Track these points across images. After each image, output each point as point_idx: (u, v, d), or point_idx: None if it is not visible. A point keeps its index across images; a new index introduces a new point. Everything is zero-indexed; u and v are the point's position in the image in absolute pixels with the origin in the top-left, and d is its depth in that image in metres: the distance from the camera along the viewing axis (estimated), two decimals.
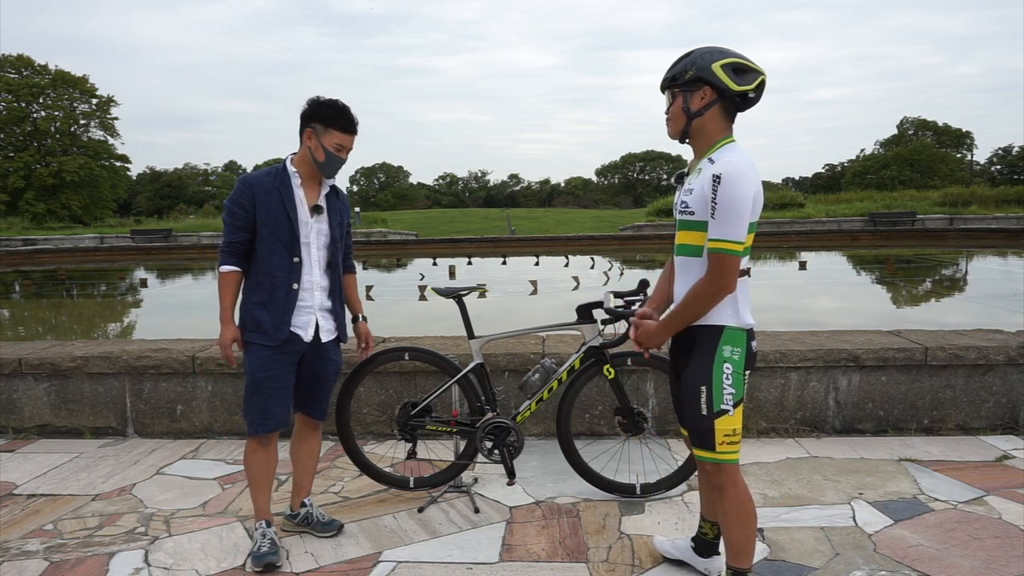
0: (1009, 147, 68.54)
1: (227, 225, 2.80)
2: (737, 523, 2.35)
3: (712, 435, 2.28)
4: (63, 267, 18.32)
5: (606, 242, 22.01)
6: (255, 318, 2.80)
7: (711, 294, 2.21)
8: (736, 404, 2.27)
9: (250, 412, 2.85)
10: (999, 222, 23.14)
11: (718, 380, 2.26)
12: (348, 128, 2.82)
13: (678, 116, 2.27)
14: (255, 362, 2.81)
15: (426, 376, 4.08)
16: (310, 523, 3.05)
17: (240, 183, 2.81)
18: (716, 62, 2.18)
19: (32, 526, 3.17)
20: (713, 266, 2.18)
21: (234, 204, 2.79)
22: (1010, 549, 2.77)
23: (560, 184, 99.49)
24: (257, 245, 2.80)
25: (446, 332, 4.76)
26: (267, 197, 2.78)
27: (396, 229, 28.90)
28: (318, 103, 2.80)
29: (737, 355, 2.27)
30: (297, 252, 2.81)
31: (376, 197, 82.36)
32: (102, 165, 45.73)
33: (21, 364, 4.33)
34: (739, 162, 2.13)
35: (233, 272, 2.81)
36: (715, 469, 2.33)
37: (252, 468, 2.90)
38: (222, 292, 2.80)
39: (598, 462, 3.51)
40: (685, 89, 2.23)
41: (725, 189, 2.10)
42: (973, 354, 4.01)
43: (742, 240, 2.15)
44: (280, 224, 2.78)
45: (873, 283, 12.70)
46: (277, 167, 2.86)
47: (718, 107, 2.22)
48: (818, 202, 33.02)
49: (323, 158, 2.81)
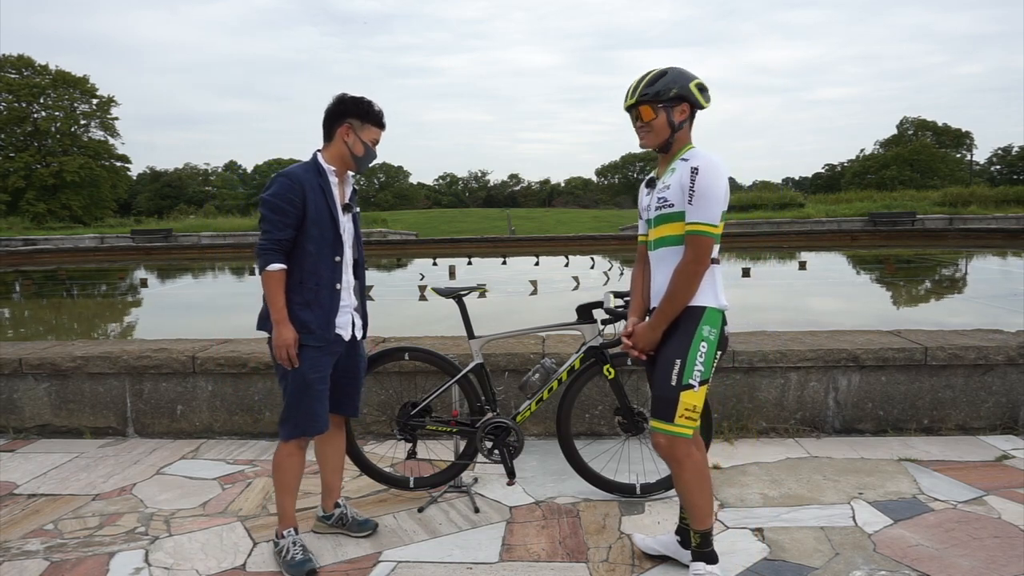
0: (1009, 147, 68.62)
1: (272, 222, 2.69)
2: (699, 488, 2.52)
3: (675, 406, 2.43)
4: (63, 267, 18.33)
5: (606, 242, 22.01)
6: (300, 319, 2.74)
7: (692, 273, 2.42)
8: (702, 382, 2.44)
9: (295, 415, 2.77)
10: (999, 222, 23.13)
11: (692, 356, 2.43)
12: (382, 123, 2.87)
13: (663, 129, 2.50)
14: (305, 363, 2.75)
15: (426, 376, 4.08)
16: (345, 524, 3.04)
17: (286, 178, 2.72)
18: (692, 82, 2.47)
19: (32, 526, 3.17)
20: (691, 247, 2.41)
21: (282, 200, 2.69)
22: (1010, 549, 2.77)
23: (560, 184, 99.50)
24: (305, 243, 2.73)
25: (446, 332, 4.77)
26: (314, 194, 2.73)
27: (396, 229, 28.90)
28: (353, 99, 2.80)
29: (713, 335, 2.46)
30: (340, 251, 2.82)
31: (376, 197, 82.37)
32: (102, 165, 45.77)
33: (21, 364, 4.33)
34: (713, 158, 2.42)
35: (283, 271, 2.72)
36: (668, 442, 2.47)
37: (288, 473, 2.84)
38: (273, 291, 2.70)
39: (598, 462, 3.51)
40: (669, 105, 2.47)
41: (703, 179, 2.38)
42: (973, 354, 4.02)
43: (717, 223, 2.40)
44: (325, 222, 2.76)
45: (873, 283, 12.70)
46: (311, 163, 2.81)
47: (689, 120, 2.52)
48: (818, 202, 33.03)
49: (362, 152, 2.83)
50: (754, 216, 26.71)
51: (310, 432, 2.81)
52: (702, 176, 2.37)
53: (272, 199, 2.70)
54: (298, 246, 2.75)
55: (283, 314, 2.71)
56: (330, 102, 2.83)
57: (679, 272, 2.43)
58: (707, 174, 2.38)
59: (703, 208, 2.38)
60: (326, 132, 2.85)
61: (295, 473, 2.86)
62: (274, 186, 2.72)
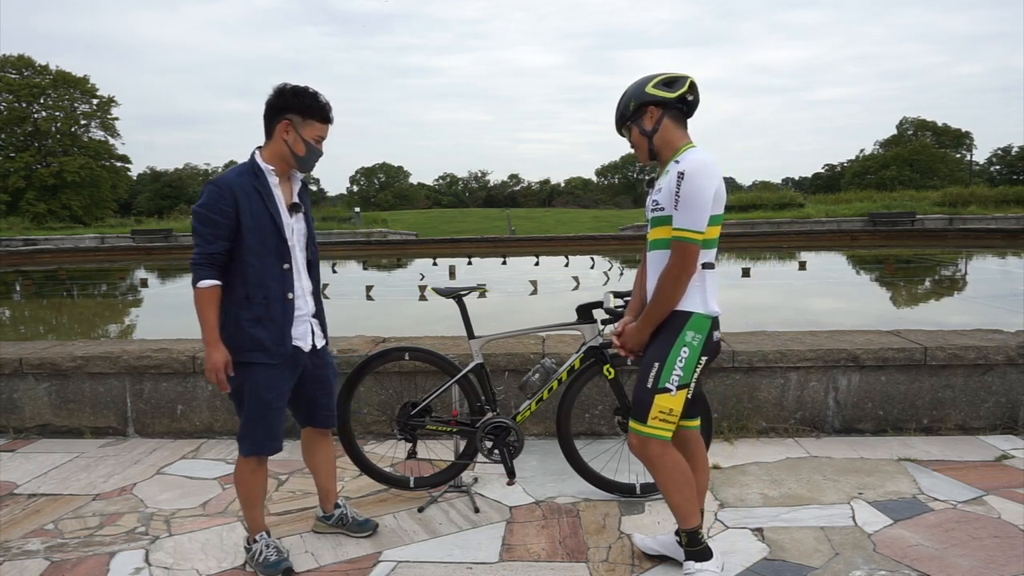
0: (1008, 147, 68.63)
1: (202, 235, 2.51)
2: (676, 488, 2.51)
3: (648, 408, 2.44)
4: (64, 267, 18.32)
5: (606, 242, 22.00)
6: (253, 336, 2.57)
7: (674, 278, 2.41)
8: (680, 387, 2.44)
9: (254, 433, 2.65)
10: (998, 222, 23.12)
11: (672, 360, 2.44)
12: (328, 118, 2.64)
13: (640, 141, 2.53)
14: (261, 383, 2.60)
15: (426, 376, 4.08)
16: (345, 524, 3.02)
17: (216, 187, 2.52)
18: (648, 85, 2.48)
19: (33, 526, 3.17)
20: (675, 252, 2.40)
21: (211, 211, 2.50)
22: (1009, 549, 2.78)
23: (560, 184, 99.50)
24: (244, 255, 2.54)
25: (446, 332, 4.77)
26: (249, 200, 2.53)
27: (396, 229, 28.90)
28: (293, 92, 2.57)
29: (697, 341, 2.45)
30: (287, 258, 2.62)
31: (376, 197, 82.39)
32: (103, 165, 45.74)
33: (22, 364, 4.33)
34: (701, 159, 2.37)
35: (215, 288, 2.54)
36: (640, 443, 2.50)
37: (251, 488, 2.75)
38: (205, 311, 2.53)
39: (598, 462, 3.51)
40: (635, 118, 2.52)
41: (688, 183, 2.34)
42: (972, 354, 4.02)
43: (701, 230, 2.37)
44: (266, 229, 2.56)
45: (873, 283, 12.70)
46: (247, 165, 2.61)
47: (668, 119, 2.48)
48: (818, 202, 33.03)
49: (303, 152, 2.61)
50: (754, 216, 26.70)
51: (267, 452, 2.69)
52: (687, 181, 2.34)
53: (201, 210, 2.52)
54: (238, 259, 2.55)
55: (214, 335, 2.54)
56: (270, 93, 2.60)
57: (663, 277, 2.43)
58: (693, 179, 2.34)
59: (687, 214, 2.36)
60: (266, 127, 2.63)
61: (259, 487, 2.77)
62: (204, 196, 2.54)
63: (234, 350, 2.59)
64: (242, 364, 2.60)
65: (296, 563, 2.79)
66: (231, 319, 2.58)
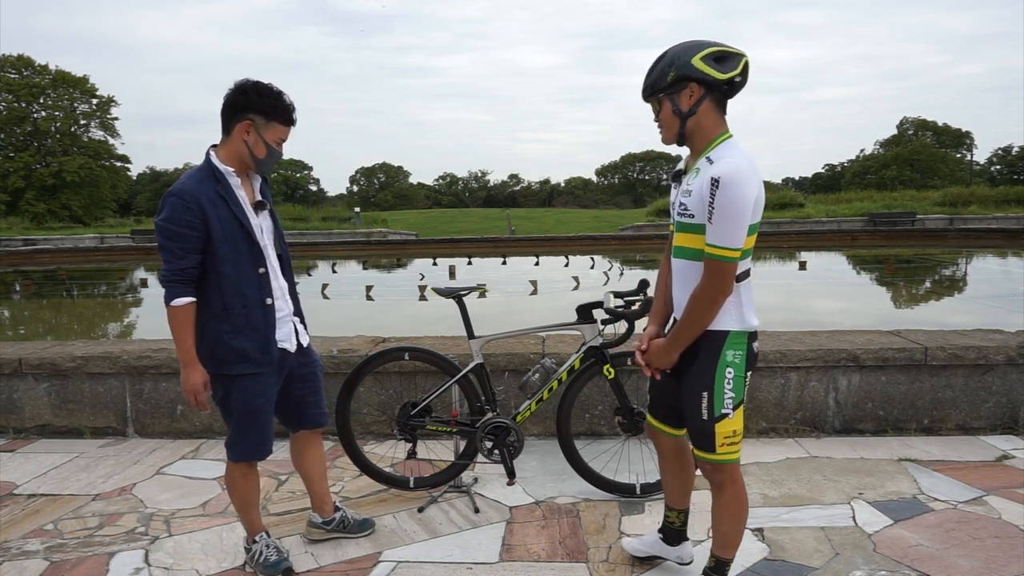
0: (1009, 147, 68.67)
1: (171, 250, 2.38)
2: (731, 517, 2.38)
3: (713, 439, 2.28)
4: (63, 267, 18.31)
5: (606, 242, 21.99)
6: (235, 348, 2.48)
7: (710, 300, 2.16)
8: (736, 407, 2.27)
9: (245, 440, 2.60)
10: (999, 222, 23.12)
11: (720, 385, 2.24)
12: (291, 120, 2.51)
13: (671, 121, 2.19)
14: (249, 391, 2.54)
15: (426, 376, 4.08)
16: (346, 527, 2.98)
17: (177, 198, 2.37)
18: (695, 55, 2.10)
19: (32, 526, 3.17)
20: (709, 272, 2.13)
21: (178, 224, 2.36)
22: (1010, 549, 2.77)
23: (560, 184, 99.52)
24: (217, 265, 2.43)
25: (446, 332, 4.76)
26: (215, 208, 2.41)
27: (396, 229, 28.88)
28: (256, 91, 2.43)
29: (739, 359, 2.25)
30: (262, 261, 2.51)
31: (376, 197, 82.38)
32: (102, 165, 45.74)
33: (21, 364, 4.33)
34: (740, 163, 2.04)
35: (191, 304, 2.42)
36: (714, 468, 2.34)
37: (245, 492, 2.70)
38: (181, 330, 2.42)
39: (598, 462, 3.51)
40: (671, 92, 2.16)
41: (724, 193, 2.02)
42: (973, 354, 4.01)
43: (740, 247, 2.09)
44: (237, 235, 2.45)
45: (873, 283, 12.70)
46: (204, 169, 2.47)
47: (709, 101, 2.14)
48: (818, 202, 33.00)
49: (263, 154, 2.48)
50: None
51: (258, 457, 2.65)
52: (724, 190, 2.01)
53: (165, 224, 2.37)
54: (212, 270, 2.44)
55: (191, 354, 2.45)
56: (230, 89, 2.46)
57: (695, 298, 2.18)
58: (730, 187, 2.01)
59: (723, 229, 2.05)
60: (224, 125, 2.48)
61: (252, 490, 2.72)
62: (165, 208, 2.38)
63: (218, 363, 2.50)
64: (226, 376, 2.52)
65: (296, 563, 2.79)
66: (210, 333, 2.48)
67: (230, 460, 2.66)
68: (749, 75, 2.17)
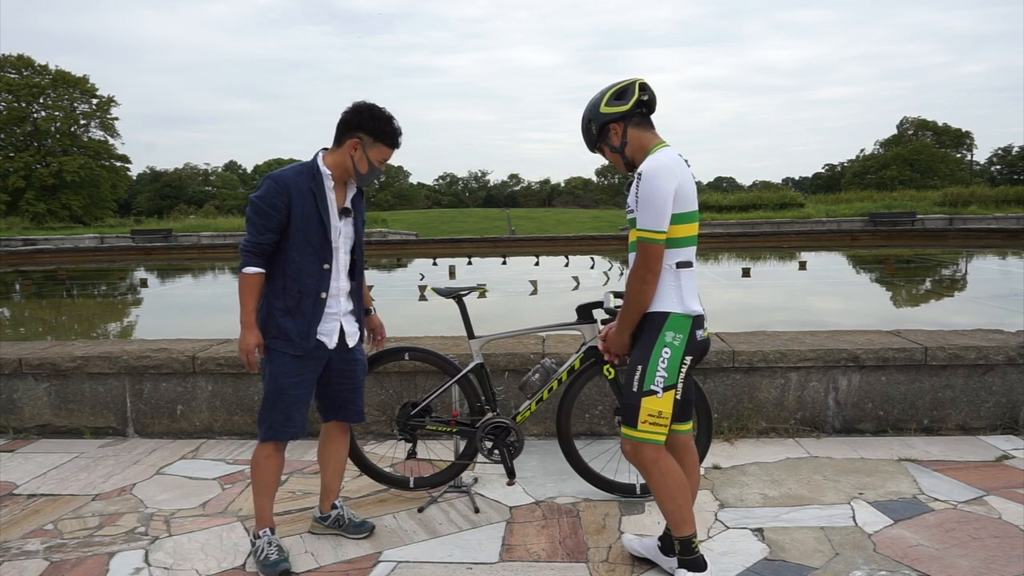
0: (1009, 147, 68.62)
1: (255, 224, 2.64)
2: (668, 495, 2.47)
3: (637, 412, 2.43)
4: (63, 267, 18.32)
5: (606, 242, 22.00)
6: (280, 325, 2.70)
7: (640, 278, 2.40)
8: (666, 388, 2.41)
9: (270, 417, 2.74)
10: (999, 222, 23.13)
11: (654, 361, 2.41)
12: (396, 144, 2.77)
13: (615, 158, 2.59)
14: (280, 368, 2.72)
15: (426, 376, 4.08)
16: (342, 525, 3.02)
17: (273, 181, 2.65)
18: (601, 104, 2.52)
19: (32, 526, 3.17)
20: (638, 253, 2.40)
21: (266, 203, 2.63)
22: (1010, 549, 2.77)
23: (560, 184, 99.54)
24: (288, 249, 2.68)
25: (446, 332, 4.77)
26: (302, 199, 2.66)
27: (396, 229, 28.88)
28: (370, 113, 2.69)
29: (678, 341, 2.42)
30: (328, 258, 2.73)
31: (376, 197, 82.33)
32: (102, 165, 45.76)
33: (21, 364, 4.33)
34: (660, 160, 2.38)
35: (259, 274, 2.67)
36: (633, 449, 2.47)
37: (264, 473, 2.80)
38: (246, 294, 2.66)
39: (598, 462, 3.51)
40: (602, 139, 2.57)
41: (645, 184, 2.35)
42: (973, 354, 4.01)
43: (662, 229, 2.37)
44: (313, 228, 2.68)
45: (873, 283, 12.70)
46: (308, 165, 2.73)
47: (632, 128, 2.52)
48: (818, 202, 33.05)
49: (366, 170, 2.74)
50: (754, 216, 26.71)
51: (282, 436, 2.77)
52: (644, 181, 2.35)
53: (257, 201, 2.65)
54: (282, 251, 2.69)
55: (251, 318, 2.67)
56: (348, 108, 2.72)
57: (630, 278, 2.44)
58: (649, 179, 2.35)
59: (646, 214, 2.36)
60: (336, 137, 2.75)
61: (273, 473, 2.82)
62: (262, 188, 2.67)
63: (263, 334, 2.70)
64: (267, 350, 2.72)
65: (296, 563, 2.79)
66: (265, 305, 2.72)
67: (259, 440, 2.81)
68: (652, 90, 2.53)
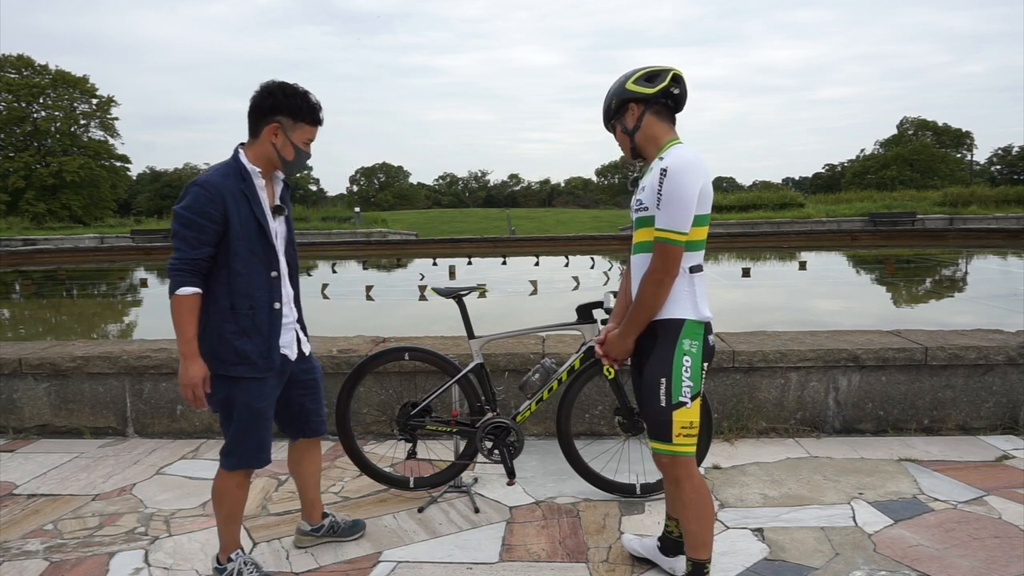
0: (1009, 147, 68.63)
1: (186, 239, 2.34)
2: (695, 515, 2.39)
3: (670, 427, 2.34)
4: (63, 267, 18.31)
5: (606, 242, 22.01)
6: (238, 349, 2.42)
7: (657, 281, 2.29)
8: (693, 397, 2.34)
9: (245, 445, 2.52)
10: (999, 222, 23.14)
11: (677, 372, 2.32)
12: (318, 120, 2.50)
13: (623, 139, 2.47)
14: (251, 393, 2.47)
15: (426, 376, 4.08)
16: (336, 532, 2.95)
17: (202, 188, 2.35)
18: (628, 81, 2.40)
19: (32, 526, 3.17)
20: (656, 254, 2.28)
21: (197, 214, 2.32)
22: (1010, 549, 2.77)
23: (560, 184, 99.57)
24: (230, 262, 2.39)
25: (446, 332, 4.77)
26: (236, 204, 2.38)
27: (396, 229, 28.91)
28: (283, 92, 2.42)
29: (695, 348, 2.34)
30: (275, 265, 2.48)
31: (376, 197, 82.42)
32: (102, 165, 45.72)
33: (21, 364, 4.33)
34: (686, 156, 2.25)
35: (196, 295, 2.37)
36: (671, 461, 2.38)
37: (234, 504, 2.60)
38: (184, 321, 2.36)
39: (598, 462, 3.51)
40: (618, 116, 2.45)
41: (671, 181, 2.22)
42: (973, 354, 4.01)
43: (685, 231, 2.25)
44: (254, 235, 2.42)
45: (873, 283, 12.70)
46: (232, 165, 2.44)
47: (650, 115, 2.39)
48: (818, 202, 33.08)
49: (292, 156, 2.47)
50: (754, 216, 26.73)
51: (256, 465, 2.56)
52: (670, 178, 2.21)
53: (186, 213, 2.34)
54: (223, 266, 2.39)
55: (192, 347, 2.38)
56: (256, 91, 2.44)
57: (645, 280, 2.31)
58: (676, 176, 2.21)
59: (670, 213, 2.23)
60: (251, 127, 2.47)
61: (241, 503, 2.63)
62: (188, 197, 2.36)
63: (218, 364, 2.44)
64: (227, 378, 2.46)
65: (296, 563, 2.79)
66: (213, 331, 2.43)
67: (224, 468, 2.57)
68: (685, 85, 2.42)
